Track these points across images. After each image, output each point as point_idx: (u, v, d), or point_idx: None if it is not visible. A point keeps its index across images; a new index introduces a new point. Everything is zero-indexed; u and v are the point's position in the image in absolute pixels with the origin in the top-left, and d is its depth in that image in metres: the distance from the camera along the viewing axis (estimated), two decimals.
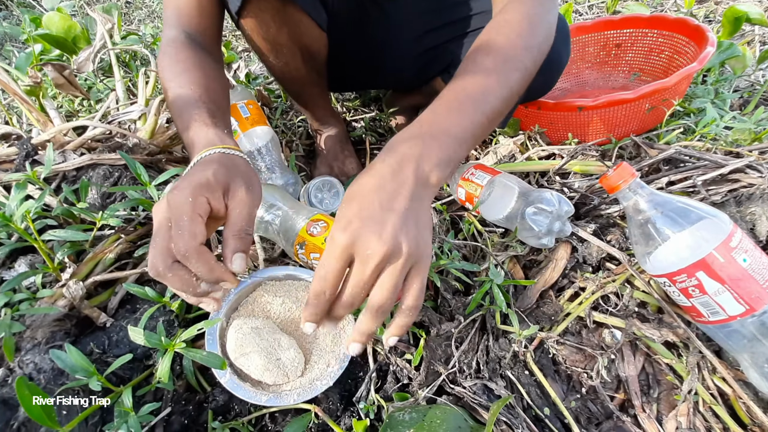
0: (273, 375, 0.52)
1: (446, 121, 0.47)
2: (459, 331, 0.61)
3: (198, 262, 0.39)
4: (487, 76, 0.50)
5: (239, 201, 0.44)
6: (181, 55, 0.63)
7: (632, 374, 0.63)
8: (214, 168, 0.44)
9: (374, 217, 0.39)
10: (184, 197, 0.41)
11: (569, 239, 0.71)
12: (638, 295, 0.67)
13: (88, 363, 0.47)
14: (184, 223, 0.40)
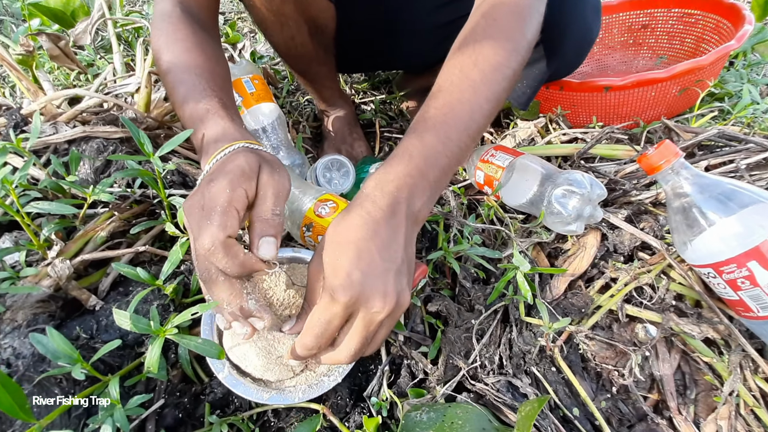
0: (275, 373, 0.47)
1: (434, 151, 0.44)
2: (479, 323, 0.55)
3: (225, 255, 0.38)
4: (474, 92, 0.47)
5: (265, 183, 0.42)
6: (179, 34, 0.57)
7: (667, 373, 0.57)
8: (245, 156, 0.42)
9: (376, 272, 0.38)
10: (220, 188, 0.39)
11: (599, 226, 0.65)
12: (675, 287, 0.61)
13: (72, 348, 0.42)
14: (217, 213, 0.38)
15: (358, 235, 0.39)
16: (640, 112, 0.96)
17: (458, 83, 0.47)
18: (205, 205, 0.39)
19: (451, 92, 0.47)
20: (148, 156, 0.56)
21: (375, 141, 1.06)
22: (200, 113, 0.51)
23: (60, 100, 0.79)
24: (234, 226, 0.38)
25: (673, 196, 0.57)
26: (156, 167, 0.56)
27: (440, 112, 0.46)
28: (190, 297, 0.56)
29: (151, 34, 0.60)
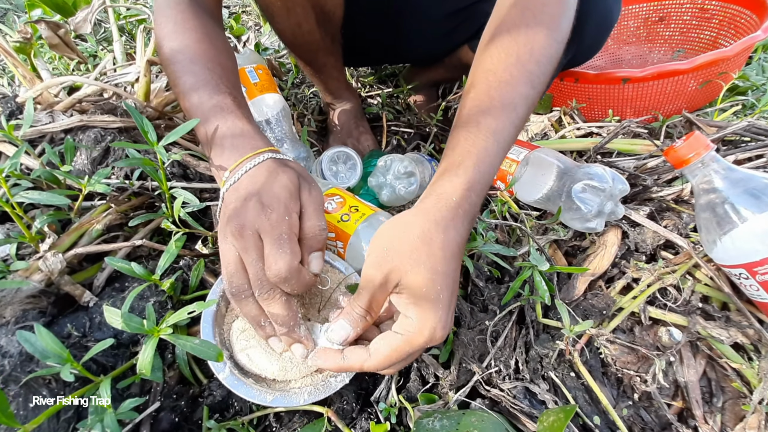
0: (293, 373, 0.45)
1: (489, 164, 0.42)
2: (494, 324, 0.52)
3: (298, 281, 0.40)
4: (515, 80, 0.45)
5: (306, 200, 0.44)
6: (189, 23, 0.55)
7: (693, 379, 0.54)
8: (287, 176, 0.44)
9: (450, 308, 0.39)
10: (280, 216, 0.40)
11: (619, 223, 0.62)
12: (700, 288, 0.58)
13: (62, 347, 0.39)
14: (285, 243, 0.39)
15: (445, 268, 0.38)
16: (658, 105, 0.92)
17: (498, 71, 0.45)
18: (262, 231, 0.40)
19: (489, 83, 0.45)
20: (152, 145, 0.53)
21: (382, 135, 1.03)
22: (212, 107, 0.49)
23: (57, 89, 0.76)
24: (299, 252, 0.40)
25: (702, 191, 0.54)
26: (159, 157, 0.53)
27: (482, 105, 0.44)
28: (188, 294, 0.54)
29: (155, 20, 0.57)
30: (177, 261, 0.57)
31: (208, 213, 0.68)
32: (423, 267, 0.37)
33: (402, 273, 0.37)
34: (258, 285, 0.40)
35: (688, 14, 1.16)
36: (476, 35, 0.88)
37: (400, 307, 0.39)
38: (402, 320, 0.38)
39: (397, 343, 0.37)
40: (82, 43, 1.40)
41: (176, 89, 0.53)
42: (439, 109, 1.04)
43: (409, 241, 0.38)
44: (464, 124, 0.44)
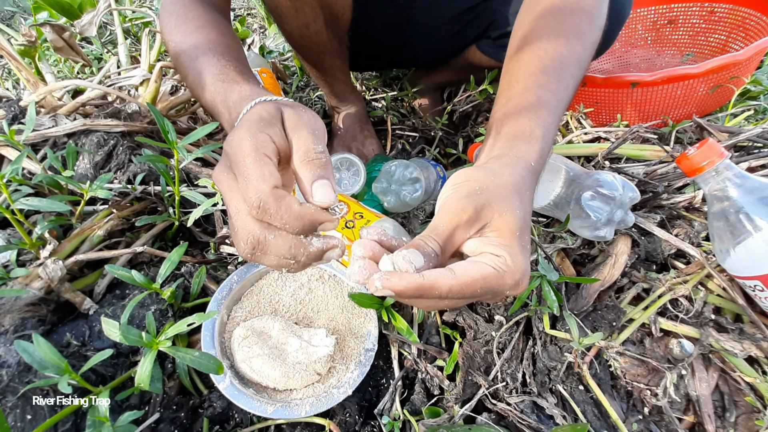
0: (297, 380, 0.44)
1: (551, 137, 0.42)
2: (500, 335, 0.51)
3: (279, 208, 0.31)
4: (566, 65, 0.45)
5: (293, 126, 0.36)
6: (190, 14, 0.55)
7: (705, 393, 0.53)
8: (260, 106, 0.37)
9: (529, 261, 0.35)
10: (240, 138, 0.33)
11: (629, 231, 0.60)
12: (713, 299, 0.56)
13: (60, 357, 0.38)
14: (248, 166, 0.32)
15: (529, 223, 0.36)
16: (667, 110, 0.90)
17: (549, 50, 0.46)
18: (232, 165, 0.34)
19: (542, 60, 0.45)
20: (171, 144, 0.53)
21: (386, 139, 1.02)
22: (214, 82, 0.47)
23: (61, 92, 0.76)
24: (274, 174, 0.32)
25: (715, 199, 0.53)
26: (176, 157, 0.53)
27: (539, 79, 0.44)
28: (190, 301, 0.53)
29: (160, 18, 0.57)
30: (179, 268, 0.56)
31: (211, 219, 0.67)
32: (519, 211, 0.34)
33: (495, 213, 0.34)
34: (240, 227, 0.33)
35: (697, 17, 1.15)
36: (484, 34, 0.87)
37: (484, 247, 0.34)
38: (489, 256, 0.33)
39: (488, 272, 0.32)
40: (88, 46, 1.40)
41: (185, 79, 0.53)
42: (444, 112, 1.03)
43: (504, 186, 0.36)
44: (523, 93, 0.44)
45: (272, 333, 0.46)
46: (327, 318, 0.50)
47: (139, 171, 0.66)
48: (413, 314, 0.54)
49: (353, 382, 0.45)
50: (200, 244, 0.66)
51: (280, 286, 0.52)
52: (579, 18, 0.48)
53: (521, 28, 0.51)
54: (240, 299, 0.52)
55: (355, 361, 0.47)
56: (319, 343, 0.45)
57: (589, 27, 0.49)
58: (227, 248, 0.62)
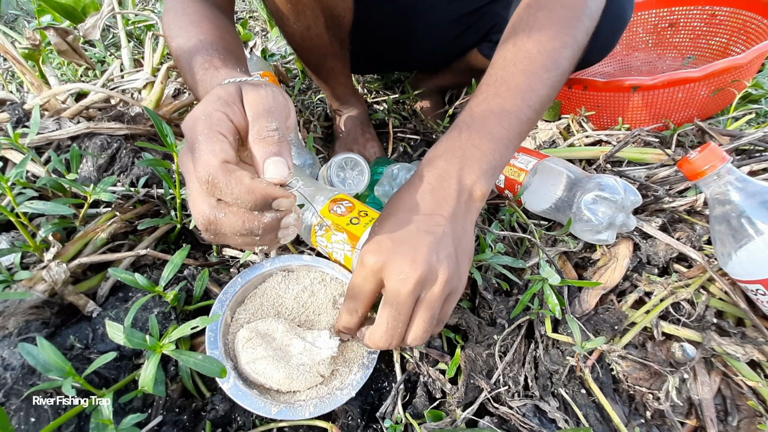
0: (300, 382, 0.44)
1: (488, 122, 0.42)
2: (502, 339, 0.51)
3: (228, 182, 0.31)
4: (530, 60, 0.45)
5: (250, 103, 0.35)
6: (189, 9, 0.56)
7: (707, 397, 0.53)
8: (224, 87, 0.36)
9: (408, 239, 0.37)
10: (195, 116, 0.33)
11: (631, 235, 0.60)
12: (715, 303, 0.56)
13: (64, 360, 0.38)
14: (200, 143, 0.32)
15: (399, 207, 0.38)
16: (668, 113, 0.90)
17: (512, 57, 0.46)
18: (188, 145, 0.33)
19: (504, 66, 0.46)
20: (170, 148, 0.53)
21: (388, 141, 1.03)
22: (197, 72, 0.46)
23: (65, 95, 0.76)
24: (226, 150, 0.32)
25: (716, 203, 0.53)
26: (176, 160, 0.53)
27: (493, 85, 0.45)
28: (193, 304, 0.53)
29: (162, 18, 0.57)
30: (181, 270, 0.56)
31: None
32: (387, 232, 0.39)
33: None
34: (192, 207, 0.33)
35: (698, 20, 1.15)
36: (485, 38, 0.87)
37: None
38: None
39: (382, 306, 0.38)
40: (91, 49, 1.41)
41: (182, 75, 0.52)
42: (446, 115, 1.03)
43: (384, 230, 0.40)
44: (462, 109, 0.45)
45: (276, 335, 0.46)
46: (329, 320, 0.50)
47: (142, 174, 0.66)
48: None
49: (356, 384, 0.45)
50: (202, 246, 0.66)
51: (283, 289, 0.52)
52: (558, 12, 0.48)
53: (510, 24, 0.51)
54: (243, 301, 0.52)
55: (358, 364, 0.47)
56: (322, 345, 0.45)
57: (569, 22, 0.48)
58: (229, 251, 0.62)
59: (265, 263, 0.54)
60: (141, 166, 0.66)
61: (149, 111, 0.52)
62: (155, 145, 0.55)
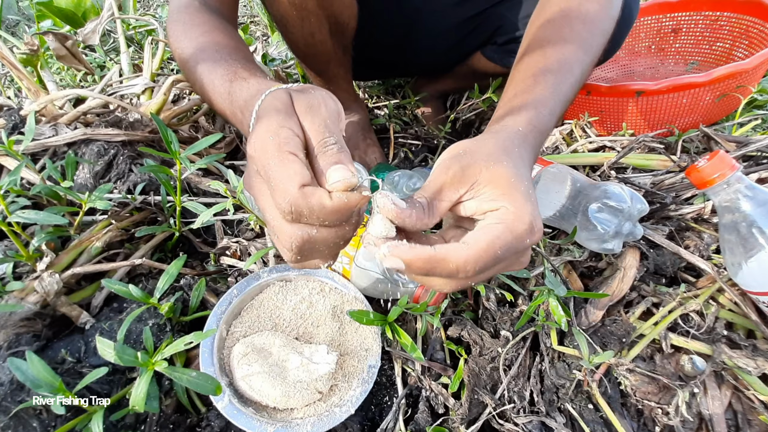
0: (297, 399, 0.42)
1: (537, 112, 0.41)
2: (507, 351, 0.50)
3: (312, 208, 0.29)
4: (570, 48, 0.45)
5: (305, 109, 0.33)
6: (197, 20, 0.54)
7: (718, 412, 0.51)
8: (271, 96, 0.35)
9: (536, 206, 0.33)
10: (262, 139, 0.31)
11: (637, 244, 0.59)
12: (725, 314, 0.55)
13: (54, 376, 0.37)
14: (272, 169, 0.30)
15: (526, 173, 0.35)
16: (672, 119, 0.89)
17: (553, 37, 0.46)
18: (258, 169, 0.32)
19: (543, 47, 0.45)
20: (174, 155, 0.52)
21: (389, 147, 1.02)
22: (226, 87, 0.44)
23: (62, 101, 0.75)
24: (300, 172, 0.30)
25: (725, 211, 0.51)
26: (178, 167, 0.52)
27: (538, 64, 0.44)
28: (189, 315, 0.52)
29: (167, 28, 0.56)
30: (178, 280, 0.55)
31: (212, 230, 0.66)
32: (505, 162, 0.33)
33: (481, 168, 0.32)
34: (280, 233, 0.31)
35: (701, 26, 1.14)
36: (489, 40, 0.87)
37: (482, 205, 0.33)
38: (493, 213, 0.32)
39: (498, 229, 0.30)
40: (92, 54, 1.41)
41: (194, 85, 0.51)
42: (447, 120, 1.02)
43: (487, 146, 0.35)
44: (521, 94, 0.43)
45: (272, 349, 0.44)
46: (328, 333, 0.49)
47: (139, 181, 0.65)
48: (417, 329, 0.53)
49: (356, 400, 0.44)
50: (200, 255, 0.65)
51: (281, 300, 0.51)
52: (582, 24, 0.48)
53: (526, 38, 0.51)
54: (240, 313, 0.50)
55: (358, 379, 0.46)
56: (320, 360, 0.44)
57: (591, 33, 0.49)
58: (228, 259, 0.61)
59: (262, 273, 0.52)
60: (141, 172, 0.65)
61: (156, 118, 0.51)
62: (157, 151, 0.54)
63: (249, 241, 0.63)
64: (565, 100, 0.44)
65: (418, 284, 0.50)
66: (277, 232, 0.31)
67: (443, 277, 0.30)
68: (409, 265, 0.29)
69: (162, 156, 0.54)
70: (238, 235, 0.66)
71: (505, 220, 0.31)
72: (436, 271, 0.29)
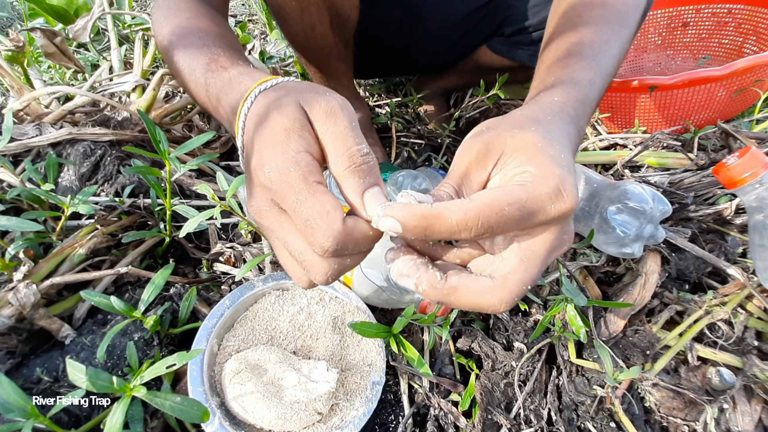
0: (295, 422, 0.39)
1: (578, 84, 0.37)
2: (521, 365, 0.46)
3: (356, 242, 0.27)
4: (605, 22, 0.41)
5: (323, 118, 0.29)
6: (182, 5, 0.51)
7: (748, 428, 0.47)
8: (277, 106, 0.30)
9: (571, 171, 0.29)
10: (280, 169, 0.28)
11: (658, 247, 0.55)
12: (754, 323, 0.51)
13: (26, 399, 0.34)
14: (305, 205, 0.27)
15: (561, 138, 0.31)
16: (687, 115, 0.85)
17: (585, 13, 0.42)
18: (278, 201, 0.29)
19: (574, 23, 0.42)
20: (163, 155, 0.48)
21: (391, 146, 0.98)
22: (207, 77, 0.40)
23: (48, 99, 0.72)
24: (337, 204, 0.27)
25: (756, 212, 0.48)
26: (170, 168, 0.48)
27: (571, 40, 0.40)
28: (178, 326, 0.48)
29: (152, 14, 0.53)
30: (167, 289, 0.51)
31: (205, 235, 0.62)
32: (533, 128, 0.30)
33: (506, 139, 0.29)
34: (312, 266, 0.28)
35: (709, 20, 1.11)
36: (496, 32, 0.83)
37: (509, 173, 0.29)
38: (513, 178, 0.29)
39: (511, 188, 0.27)
40: (85, 52, 1.37)
41: (176, 74, 0.47)
42: (451, 119, 0.98)
43: (512, 118, 0.31)
44: (550, 60, 0.40)
45: (267, 366, 0.41)
46: (328, 346, 0.45)
47: (128, 183, 0.61)
48: (424, 341, 0.49)
49: (358, 421, 0.40)
50: (193, 260, 0.61)
51: (277, 311, 0.48)
52: (606, 11, 0.44)
53: (552, 19, 0.47)
54: (233, 326, 0.47)
55: (361, 397, 0.42)
56: (319, 378, 0.40)
57: (625, 5, 0.45)
58: (221, 266, 0.58)
59: (257, 282, 0.49)
60: (128, 173, 0.61)
61: (143, 115, 0.48)
62: (144, 151, 0.51)
63: (244, 246, 0.59)
64: (606, 73, 0.40)
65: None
66: (309, 267, 0.28)
67: (445, 237, 0.27)
68: (404, 225, 0.26)
69: (151, 156, 0.50)
70: (233, 240, 0.62)
71: (525, 182, 0.27)
72: (435, 228, 0.26)
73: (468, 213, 0.25)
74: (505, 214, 0.26)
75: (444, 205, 0.26)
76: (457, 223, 0.26)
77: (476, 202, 0.26)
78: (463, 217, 0.25)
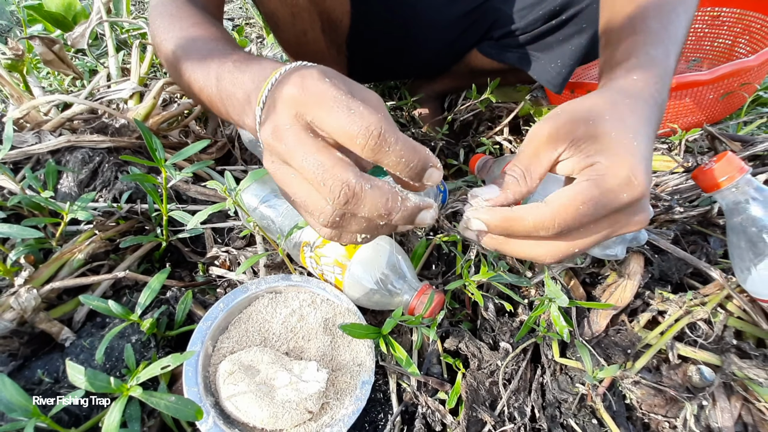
0: (287, 420, 0.40)
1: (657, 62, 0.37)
2: (506, 365, 0.48)
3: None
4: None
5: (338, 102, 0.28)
6: (184, 12, 0.51)
7: (728, 425, 0.49)
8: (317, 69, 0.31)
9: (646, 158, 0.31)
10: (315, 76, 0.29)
11: (642, 249, 0.57)
12: (733, 322, 0.53)
13: (27, 399, 0.35)
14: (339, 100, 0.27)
15: (637, 125, 0.32)
16: (675, 118, 0.87)
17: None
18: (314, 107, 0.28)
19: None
20: (159, 163, 0.50)
21: None
22: (213, 71, 0.40)
23: (48, 107, 0.73)
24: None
25: (734, 214, 0.49)
26: (164, 175, 0.50)
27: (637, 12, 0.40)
28: (175, 329, 0.50)
29: (149, 22, 0.54)
30: (163, 292, 0.53)
31: (201, 239, 0.64)
32: (608, 115, 0.31)
33: (579, 124, 0.30)
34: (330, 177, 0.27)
35: (700, 22, 1.12)
36: (486, 36, 0.84)
37: (581, 161, 0.30)
38: (586, 170, 0.30)
39: (582, 186, 0.28)
40: (83, 59, 1.39)
41: (178, 81, 0.47)
42: (445, 122, 1.00)
43: (588, 102, 0.32)
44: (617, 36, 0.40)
45: (260, 367, 0.42)
46: (319, 347, 0.47)
47: (125, 189, 0.63)
48: (412, 342, 0.51)
49: (348, 419, 0.42)
50: (188, 265, 0.63)
51: (270, 314, 0.49)
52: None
53: (605, 4, 0.47)
54: (227, 328, 0.48)
55: (351, 396, 0.44)
56: (310, 378, 0.42)
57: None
58: (217, 270, 0.59)
59: (251, 285, 0.50)
60: (125, 181, 0.63)
61: (139, 124, 0.49)
62: (140, 159, 0.52)
63: (239, 250, 0.61)
64: (678, 41, 0.40)
65: (413, 294, 0.48)
66: (326, 177, 0.27)
67: (524, 235, 0.30)
68: (488, 225, 0.30)
69: (148, 164, 0.52)
70: (228, 244, 0.63)
71: (594, 177, 0.29)
72: (515, 228, 0.29)
73: (544, 216, 0.29)
74: (580, 212, 0.29)
75: (523, 209, 0.29)
76: (534, 225, 0.29)
77: (551, 206, 0.29)
78: (540, 219, 0.29)
